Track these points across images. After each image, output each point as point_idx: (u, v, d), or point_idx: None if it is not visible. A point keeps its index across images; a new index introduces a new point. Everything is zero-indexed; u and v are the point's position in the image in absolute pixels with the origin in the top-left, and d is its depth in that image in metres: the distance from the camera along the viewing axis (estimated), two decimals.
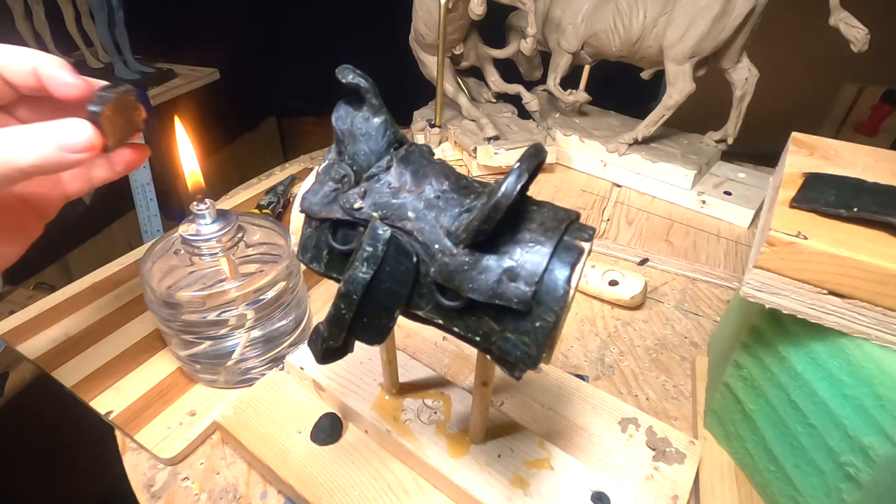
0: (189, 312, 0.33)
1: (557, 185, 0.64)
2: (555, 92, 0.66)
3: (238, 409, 0.33)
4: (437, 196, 0.19)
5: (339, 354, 0.21)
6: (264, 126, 1.65)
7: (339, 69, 0.20)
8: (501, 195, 0.17)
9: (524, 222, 0.18)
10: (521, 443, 0.29)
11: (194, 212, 0.32)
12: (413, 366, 0.34)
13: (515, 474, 0.27)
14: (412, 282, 0.19)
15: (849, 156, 0.36)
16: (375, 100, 0.20)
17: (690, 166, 0.59)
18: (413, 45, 0.67)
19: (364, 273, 0.18)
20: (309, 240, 0.21)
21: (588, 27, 0.60)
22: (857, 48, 0.46)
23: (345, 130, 0.20)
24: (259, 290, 0.33)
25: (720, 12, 0.51)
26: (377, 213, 0.19)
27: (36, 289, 1.06)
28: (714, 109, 0.63)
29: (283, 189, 0.60)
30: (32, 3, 1.02)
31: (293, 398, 0.34)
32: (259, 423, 0.32)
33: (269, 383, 0.34)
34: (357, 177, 0.20)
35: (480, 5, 0.55)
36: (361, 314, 0.19)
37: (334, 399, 0.32)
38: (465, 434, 0.29)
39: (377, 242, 0.18)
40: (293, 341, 0.38)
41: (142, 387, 0.37)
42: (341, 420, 0.32)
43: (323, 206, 0.20)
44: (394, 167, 0.20)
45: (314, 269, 0.21)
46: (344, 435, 0.32)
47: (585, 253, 0.18)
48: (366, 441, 0.31)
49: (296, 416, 0.33)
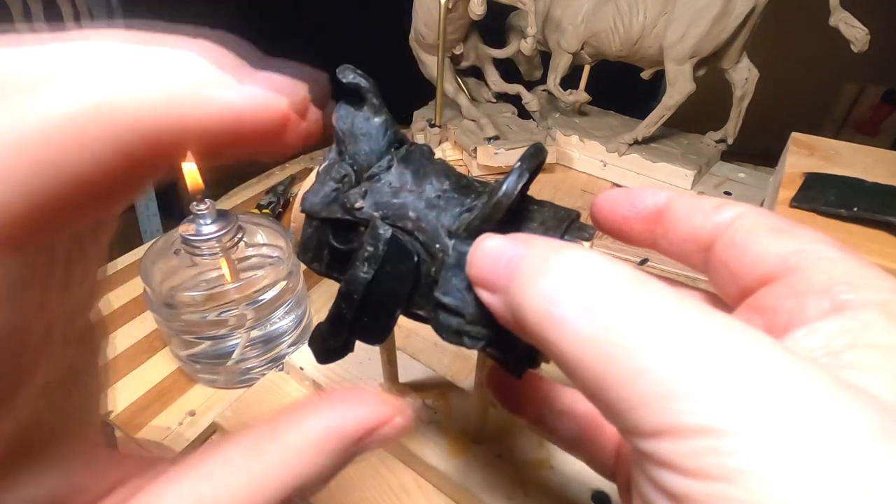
0: (189, 312, 0.33)
1: (557, 185, 0.63)
2: (555, 92, 0.66)
3: (238, 409, 0.33)
4: (438, 196, 0.19)
5: (339, 354, 0.21)
6: None
7: (340, 69, 0.20)
8: (502, 194, 0.17)
9: (525, 222, 0.18)
10: (521, 442, 0.29)
11: (194, 212, 0.32)
12: (413, 366, 0.34)
13: (516, 474, 0.27)
14: (413, 281, 0.19)
15: (849, 156, 0.36)
16: (376, 99, 0.20)
17: (690, 166, 0.58)
18: (413, 45, 0.67)
19: (365, 273, 0.18)
20: (309, 240, 0.21)
21: (588, 27, 0.60)
22: (858, 48, 0.46)
23: (345, 130, 0.20)
24: (259, 290, 0.33)
25: (720, 12, 0.51)
26: (378, 213, 0.19)
27: None
28: (714, 109, 0.63)
29: (283, 189, 0.60)
30: (31, 1, 1.02)
31: (293, 398, 0.34)
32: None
33: (268, 384, 0.34)
34: (358, 177, 0.20)
35: (480, 5, 0.55)
36: (362, 314, 0.19)
37: None
38: (466, 434, 0.29)
39: (378, 242, 0.18)
40: (293, 341, 0.38)
41: (142, 387, 0.37)
42: None
43: (324, 205, 0.20)
44: (394, 167, 0.20)
45: (314, 269, 0.21)
46: None
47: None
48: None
49: None
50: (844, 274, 0.12)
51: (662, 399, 0.10)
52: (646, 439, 0.10)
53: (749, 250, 0.14)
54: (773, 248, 0.13)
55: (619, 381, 0.10)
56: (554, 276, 0.12)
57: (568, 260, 0.12)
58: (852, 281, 0.12)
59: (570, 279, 0.12)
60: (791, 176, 0.32)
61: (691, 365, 0.10)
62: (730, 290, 0.15)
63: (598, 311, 0.11)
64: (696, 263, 0.16)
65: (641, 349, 0.10)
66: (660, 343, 0.10)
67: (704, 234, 0.15)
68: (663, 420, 0.10)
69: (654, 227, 0.17)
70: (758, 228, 0.14)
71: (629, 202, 0.17)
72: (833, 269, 0.12)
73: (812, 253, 0.13)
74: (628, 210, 0.17)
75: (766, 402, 0.09)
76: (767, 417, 0.09)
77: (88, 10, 1.03)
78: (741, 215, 0.15)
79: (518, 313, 0.13)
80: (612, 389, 0.11)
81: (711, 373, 0.10)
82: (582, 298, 0.11)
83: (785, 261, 0.13)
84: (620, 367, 0.10)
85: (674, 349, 0.10)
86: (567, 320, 0.11)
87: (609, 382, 0.11)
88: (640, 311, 0.11)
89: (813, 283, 0.12)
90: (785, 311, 0.13)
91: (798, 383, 0.10)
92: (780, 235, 0.14)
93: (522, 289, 0.12)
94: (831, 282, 0.12)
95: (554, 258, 0.12)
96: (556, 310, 0.11)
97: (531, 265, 0.13)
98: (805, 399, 0.09)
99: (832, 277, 0.12)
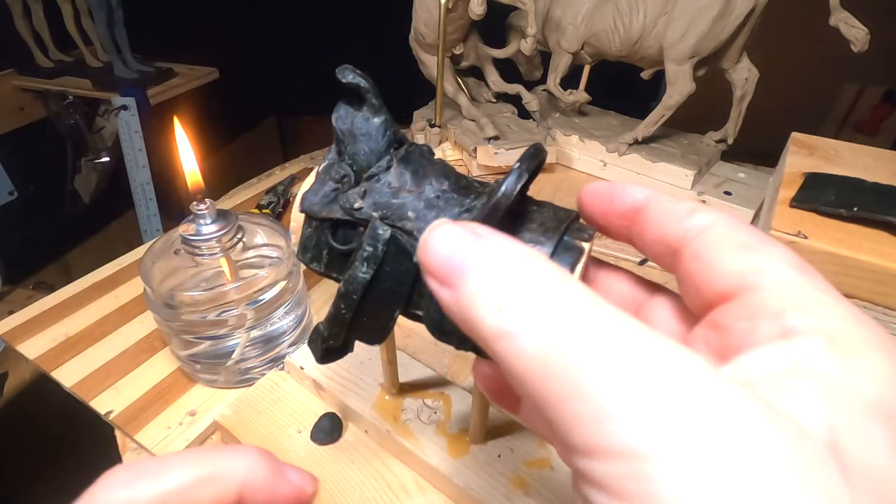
0: (189, 312, 0.33)
1: (557, 185, 0.64)
2: (555, 92, 0.66)
3: (238, 408, 0.33)
4: (438, 196, 0.19)
5: (339, 354, 0.21)
6: (264, 126, 1.65)
7: (339, 69, 0.20)
8: (501, 195, 0.16)
9: (524, 222, 0.18)
10: (522, 442, 0.29)
11: (194, 212, 0.32)
12: (413, 366, 0.34)
13: (516, 474, 0.28)
14: (412, 282, 0.19)
15: (849, 156, 0.36)
16: (375, 100, 0.20)
17: (690, 166, 0.58)
18: (413, 45, 0.67)
19: (364, 273, 0.18)
20: (309, 240, 0.21)
21: (588, 27, 0.60)
22: (858, 48, 0.46)
23: (345, 130, 0.20)
24: (259, 290, 0.33)
25: (720, 12, 0.51)
26: (377, 213, 0.19)
27: (35, 289, 1.06)
28: (714, 109, 0.63)
29: (283, 189, 0.60)
30: (31, 1, 1.02)
31: (293, 398, 0.34)
32: (259, 423, 0.32)
33: (268, 383, 0.34)
34: (357, 177, 0.20)
35: (480, 5, 0.55)
36: (361, 314, 0.19)
37: (334, 399, 0.32)
38: (466, 434, 0.29)
39: (377, 242, 0.18)
40: (293, 341, 0.38)
41: (142, 387, 0.37)
42: (341, 420, 0.32)
43: (323, 205, 0.20)
44: (394, 167, 0.20)
45: (314, 268, 0.21)
46: (344, 435, 0.32)
47: (586, 253, 0.18)
48: (366, 441, 0.31)
49: (296, 415, 0.33)
50: (798, 299, 0.12)
51: (595, 420, 0.10)
52: (579, 456, 0.11)
53: (712, 265, 0.14)
54: (733, 265, 0.13)
55: (556, 399, 0.11)
56: (502, 285, 0.12)
57: (519, 268, 0.12)
58: (804, 307, 0.12)
59: (519, 290, 0.12)
60: (791, 176, 0.32)
61: (624, 389, 0.10)
62: (694, 301, 0.15)
63: (544, 328, 0.11)
64: (667, 266, 0.16)
65: (579, 370, 0.11)
66: (597, 365, 0.11)
67: (673, 239, 0.15)
68: (594, 440, 0.10)
69: (630, 225, 0.17)
70: (723, 242, 0.14)
71: (609, 197, 0.17)
72: (788, 292, 0.12)
73: (770, 273, 0.13)
74: (608, 205, 0.17)
75: (690, 429, 0.10)
76: (690, 445, 0.10)
77: (88, 10, 1.03)
78: (711, 225, 0.14)
79: (466, 315, 0.13)
80: (551, 406, 0.11)
81: (642, 398, 0.10)
82: (529, 314, 0.11)
83: (743, 279, 0.13)
84: (559, 385, 0.11)
85: (609, 372, 0.10)
86: (513, 335, 0.11)
87: (547, 398, 0.11)
88: (583, 332, 0.11)
89: (766, 305, 0.12)
90: (738, 331, 0.13)
91: (724, 412, 0.10)
92: (742, 252, 0.13)
93: (470, 293, 0.12)
94: (783, 306, 0.12)
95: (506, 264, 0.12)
96: (503, 322, 0.12)
97: (482, 268, 0.13)
98: (728, 429, 0.10)
99: (785, 301, 0.12)
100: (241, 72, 1.35)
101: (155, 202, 1.12)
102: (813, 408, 0.11)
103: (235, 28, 1.42)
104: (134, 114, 1.05)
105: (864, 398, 0.11)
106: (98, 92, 1.07)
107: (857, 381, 0.11)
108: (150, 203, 1.12)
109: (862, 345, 0.11)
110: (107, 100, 1.06)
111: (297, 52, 1.48)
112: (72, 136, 1.10)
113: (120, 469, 0.14)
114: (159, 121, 1.08)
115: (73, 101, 1.06)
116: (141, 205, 1.12)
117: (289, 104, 1.60)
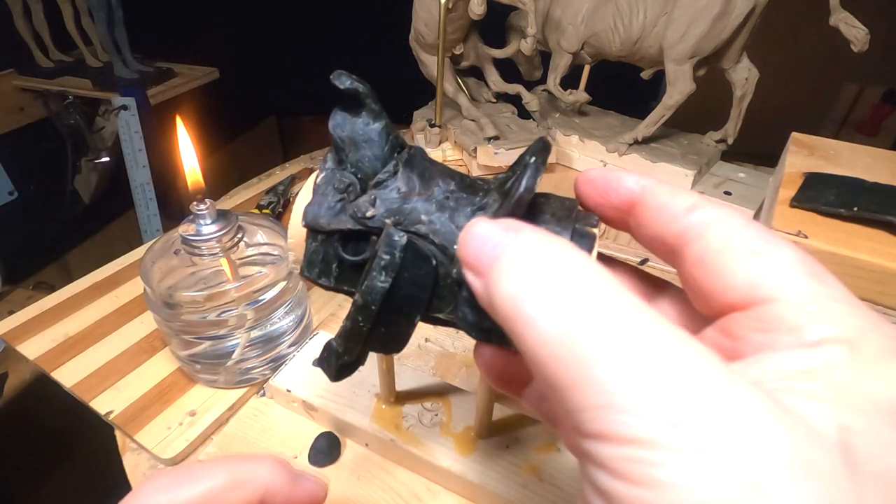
0: (189, 312, 0.33)
1: (557, 184, 0.64)
2: (555, 92, 0.66)
3: (223, 444, 0.32)
4: (447, 196, 0.19)
5: (352, 369, 0.21)
6: (264, 126, 1.65)
7: (335, 75, 0.19)
8: (524, 189, 0.16)
9: (538, 214, 0.18)
10: (528, 430, 0.29)
11: (194, 212, 0.32)
12: (402, 371, 0.33)
13: (527, 462, 0.27)
14: (432, 285, 0.19)
15: (849, 156, 0.36)
16: (374, 104, 0.20)
17: (690, 166, 0.59)
18: (413, 45, 0.67)
19: (383, 282, 0.18)
20: (315, 254, 0.20)
21: (588, 27, 0.60)
22: (858, 48, 0.46)
23: (344, 138, 0.20)
24: (259, 290, 0.33)
25: (720, 12, 0.51)
26: (390, 220, 0.19)
27: (35, 289, 1.06)
28: (714, 109, 0.63)
29: (283, 189, 0.60)
30: (31, 1, 1.02)
31: (282, 423, 0.33)
32: None
33: (250, 412, 0.34)
34: (363, 184, 0.20)
35: (480, 5, 0.55)
36: (379, 324, 0.19)
37: (329, 417, 0.32)
38: (471, 431, 0.29)
39: (394, 249, 0.18)
40: (293, 341, 0.38)
41: (142, 387, 0.37)
42: (339, 438, 0.31)
43: (331, 218, 0.19)
44: (400, 171, 0.19)
45: (322, 284, 0.20)
46: (343, 453, 0.31)
47: (597, 239, 0.18)
48: (367, 455, 0.31)
49: (288, 441, 0.32)
50: (816, 312, 0.12)
51: (605, 408, 0.11)
52: (587, 439, 0.11)
53: (719, 274, 0.14)
54: (742, 274, 0.13)
55: (570, 384, 0.11)
56: (528, 272, 0.12)
57: (547, 256, 0.13)
58: (823, 319, 0.12)
59: (544, 277, 0.12)
60: (791, 176, 0.32)
61: (635, 380, 0.10)
62: (701, 307, 0.15)
63: (562, 314, 0.12)
64: (667, 260, 0.16)
65: (593, 359, 0.11)
66: (611, 355, 0.11)
67: (672, 238, 0.15)
68: (603, 427, 0.11)
69: (626, 217, 0.17)
70: (728, 248, 0.14)
71: (604, 188, 0.17)
72: (804, 305, 0.12)
73: (783, 283, 0.13)
74: (602, 197, 0.17)
75: (697, 421, 0.10)
76: (696, 435, 0.10)
77: (88, 10, 1.03)
78: (712, 224, 0.14)
79: (492, 300, 0.13)
80: (564, 390, 0.11)
81: (652, 389, 0.10)
82: (549, 299, 0.12)
83: (754, 290, 0.13)
84: (573, 371, 0.11)
85: (622, 363, 0.11)
86: (532, 319, 0.12)
87: (561, 382, 0.11)
88: (600, 321, 0.11)
89: (783, 319, 0.12)
90: (754, 343, 0.13)
91: (731, 406, 0.10)
92: (751, 258, 0.13)
93: (499, 278, 0.13)
94: (802, 321, 0.12)
95: (534, 252, 0.13)
96: (523, 306, 0.12)
97: (512, 256, 0.13)
98: (734, 422, 0.10)
99: (803, 315, 0.12)
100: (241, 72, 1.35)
101: (155, 202, 1.12)
102: (823, 408, 0.11)
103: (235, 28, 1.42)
104: (134, 114, 1.05)
105: (880, 403, 0.11)
106: (98, 92, 1.07)
107: (874, 386, 0.11)
108: (150, 203, 1.12)
109: (882, 353, 0.11)
110: (107, 100, 1.06)
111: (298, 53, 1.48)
112: (72, 136, 1.10)
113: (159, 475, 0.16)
114: (159, 121, 1.08)
115: (73, 101, 1.06)
116: (141, 205, 1.12)
117: (289, 104, 1.60)
